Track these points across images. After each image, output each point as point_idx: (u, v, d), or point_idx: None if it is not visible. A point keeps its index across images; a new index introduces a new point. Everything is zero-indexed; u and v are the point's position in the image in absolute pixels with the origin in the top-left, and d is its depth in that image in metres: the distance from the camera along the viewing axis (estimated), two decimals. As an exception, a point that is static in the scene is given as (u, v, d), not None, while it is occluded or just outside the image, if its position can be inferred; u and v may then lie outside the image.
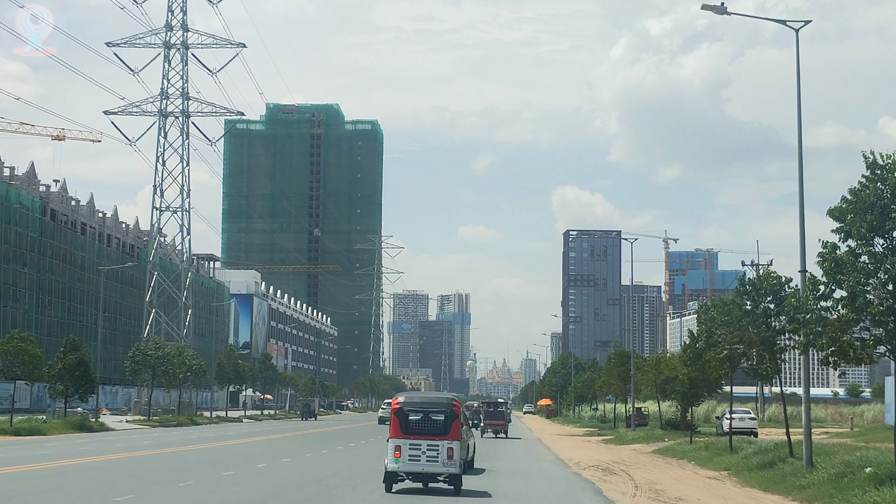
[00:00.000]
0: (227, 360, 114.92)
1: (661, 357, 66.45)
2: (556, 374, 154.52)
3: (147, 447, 45.66)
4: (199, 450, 44.76)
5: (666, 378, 65.27)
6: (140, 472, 30.71)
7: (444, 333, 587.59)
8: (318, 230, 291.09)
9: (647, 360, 67.22)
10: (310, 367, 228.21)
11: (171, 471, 31.65)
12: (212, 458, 38.32)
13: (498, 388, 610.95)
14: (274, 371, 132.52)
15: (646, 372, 66.00)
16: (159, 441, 52.86)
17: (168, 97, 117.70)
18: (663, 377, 65.14)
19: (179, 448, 45.22)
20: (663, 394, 67.17)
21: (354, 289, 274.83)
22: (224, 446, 47.93)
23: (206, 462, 36.40)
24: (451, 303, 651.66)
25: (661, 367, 64.85)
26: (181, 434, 63.79)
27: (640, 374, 67.63)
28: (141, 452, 41.36)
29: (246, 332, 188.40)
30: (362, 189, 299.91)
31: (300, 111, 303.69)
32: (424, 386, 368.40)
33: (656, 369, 64.93)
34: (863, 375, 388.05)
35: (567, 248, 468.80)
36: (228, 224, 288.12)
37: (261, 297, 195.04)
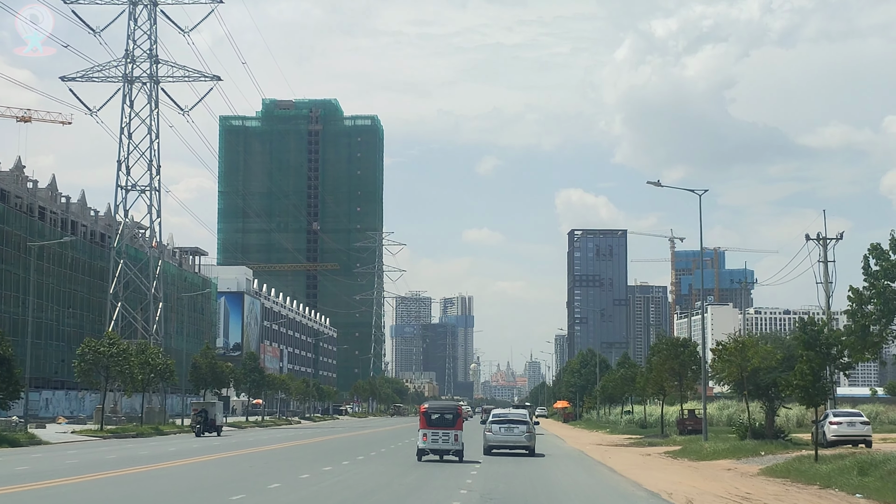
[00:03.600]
0: (203, 360, 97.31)
1: (748, 341, 48.85)
2: (575, 374, 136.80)
3: (37, 475, 28.68)
4: (112, 478, 28.23)
5: (755, 369, 47.87)
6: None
7: (447, 336, 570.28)
8: (317, 224, 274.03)
9: (726, 346, 49.59)
10: (307, 371, 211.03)
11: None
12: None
13: (502, 390, 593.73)
14: (261, 373, 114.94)
15: (725, 362, 48.47)
16: (85, 461, 37.67)
17: (134, 60, 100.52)
18: (750, 367, 47.71)
19: (80, 477, 28.05)
20: (755, 390, 49.83)
21: (355, 289, 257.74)
22: (160, 470, 30.82)
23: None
24: (455, 305, 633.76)
25: (747, 355, 47.33)
26: (127, 450, 46.86)
27: (717, 365, 50.14)
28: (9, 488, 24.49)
29: (237, 332, 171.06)
30: (362, 186, 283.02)
31: (297, 107, 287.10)
32: (428, 389, 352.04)
33: (741, 357, 47.41)
34: (871, 373, 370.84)
35: (572, 248, 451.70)
36: (224, 224, 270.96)
37: (252, 294, 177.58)
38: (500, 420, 46.00)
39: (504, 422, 45.67)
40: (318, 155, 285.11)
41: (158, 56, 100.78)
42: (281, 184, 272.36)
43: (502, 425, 45.30)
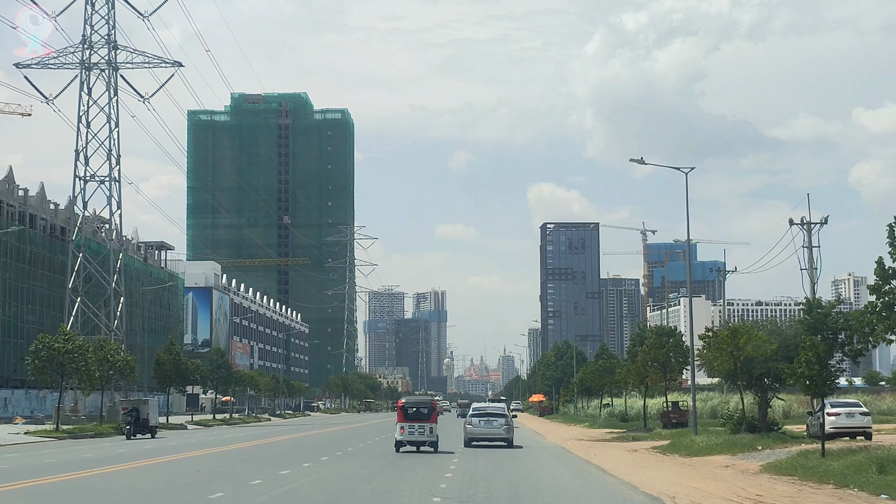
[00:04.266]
0: (167, 356, 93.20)
1: (741, 328, 45.35)
2: (551, 367, 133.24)
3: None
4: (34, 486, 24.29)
5: (748, 358, 44.44)
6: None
7: (420, 331, 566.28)
8: (288, 218, 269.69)
9: (717, 333, 46.09)
10: (279, 367, 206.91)
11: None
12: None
13: (476, 385, 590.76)
14: (228, 369, 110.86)
15: (717, 350, 44.95)
16: (17, 466, 33.67)
17: (92, 46, 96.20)
18: (743, 356, 44.28)
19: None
20: (747, 380, 46.42)
21: (327, 283, 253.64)
22: (76, 480, 27.03)
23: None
24: (428, 300, 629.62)
25: (740, 343, 43.86)
26: (75, 452, 42.94)
27: (708, 355, 46.63)
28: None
29: (205, 328, 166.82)
30: (333, 180, 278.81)
31: (267, 101, 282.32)
32: (401, 384, 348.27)
33: (733, 345, 43.94)
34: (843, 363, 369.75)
35: (545, 242, 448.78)
36: (193, 219, 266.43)
37: (221, 290, 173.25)
38: (479, 414, 48.55)
39: (484, 415, 48.26)
40: (288, 149, 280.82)
41: (117, 42, 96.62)
42: (251, 179, 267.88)
43: (482, 418, 47.82)
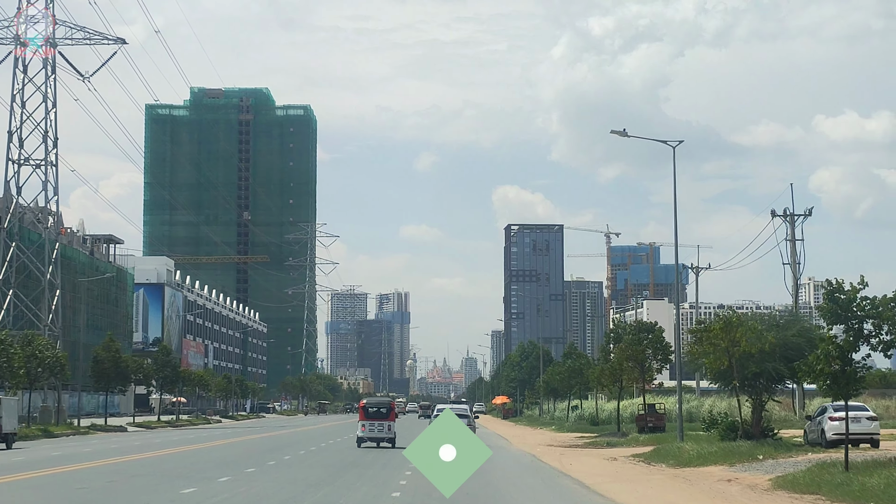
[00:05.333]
0: (105, 353, 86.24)
1: (735, 320, 39.31)
2: (516, 368, 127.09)
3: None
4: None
5: (744, 354, 38.48)
6: None
7: (383, 332, 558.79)
8: (248, 213, 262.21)
9: (709, 326, 40.04)
10: (235, 367, 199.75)
11: None
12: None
13: (438, 387, 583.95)
14: (174, 368, 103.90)
15: (708, 346, 38.86)
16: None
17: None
18: (739, 352, 38.31)
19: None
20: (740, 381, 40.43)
21: (287, 282, 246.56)
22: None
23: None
24: (391, 302, 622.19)
25: (735, 337, 37.86)
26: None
27: (698, 349, 40.56)
28: None
29: (157, 326, 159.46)
30: (295, 178, 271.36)
31: (227, 96, 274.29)
32: (363, 386, 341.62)
33: (728, 340, 37.93)
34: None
35: (509, 243, 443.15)
36: (150, 216, 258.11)
37: (174, 287, 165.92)
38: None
39: None
40: (248, 146, 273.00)
41: (56, 16, 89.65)
42: (210, 175, 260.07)
43: None
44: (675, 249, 44.77)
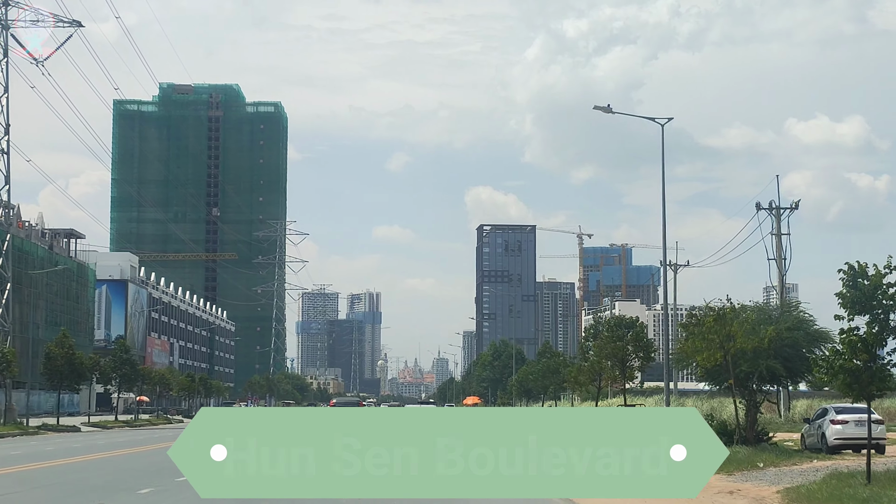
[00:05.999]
0: (58, 349, 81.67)
1: (729, 312, 35.48)
2: (487, 367, 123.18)
3: None
4: None
5: (739, 350, 34.70)
6: None
7: (354, 332, 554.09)
8: (217, 210, 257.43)
9: (701, 319, 36.22)
10: (202, 366, 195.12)
11: None
12: None
13: (409, 387, 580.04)
14: (133, 366, 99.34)
15: (701, 342, 35.01)
16: None
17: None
18: (734, 347, 34.52)
19: None
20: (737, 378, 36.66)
21: (256, 280, 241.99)
22: None
23: None
24: (362, 302, 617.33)
25: (731, 330, 34.05)
26: None
27: (689, 345, 36.72)
28: None
29: (120, 323, 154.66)
30: (265, 175, 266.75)
31: (197, 92, 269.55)
32: (333, 386, 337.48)
33: (723, 334, 34.11)
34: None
35: (481, 244, 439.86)
36: (118, 213, 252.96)
37: (138, 283, 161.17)
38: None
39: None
40: (218, 142, 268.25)
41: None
42: (178, 172, 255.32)
43: None
44: (664, 234, 41.03)
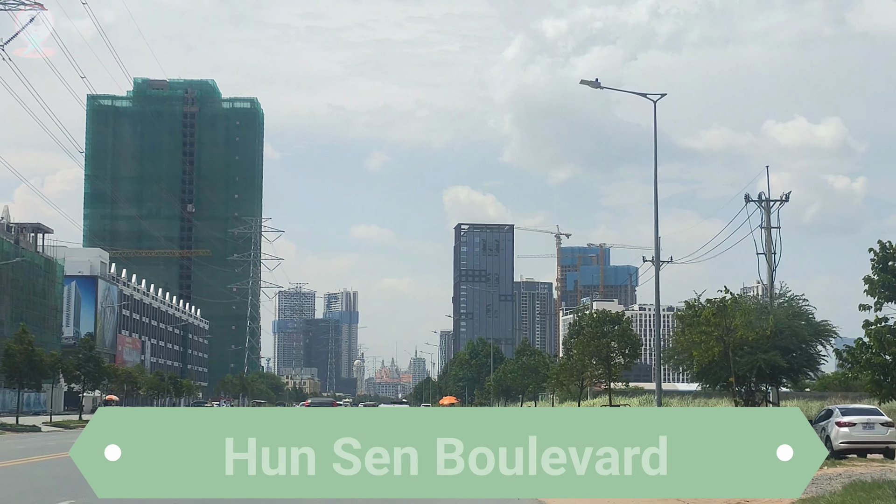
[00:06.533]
0: (17, 346, 77.92)
1: (730, 303, 32.29)
2: (464, 366, 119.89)
3: None
4: None
5: (739, 342, 31.54)
6: None
7: (330, 332, 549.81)
8: (192, 206, 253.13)
9: (698, 310, 33.01)
10: (174, 365, 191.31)
11: None
12: None
13: (386, 387, 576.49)
14: (97, 363, 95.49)
15: (699, 336, 31.83)
16: None
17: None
18: (734, 341, 31.35)
19: None
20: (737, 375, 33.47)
21: (231, 278, 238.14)
22: None
23: None
24: (339, 301, 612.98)
25: (733, 323, 30.86)
26: None
27: (684, 340, 33.54)
28: None
29: (89, 321, 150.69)
30: (241, 172, 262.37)
31: (172, 87, 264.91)
32: (309, 385, 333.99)
33: (723, 327, 30.95)
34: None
35: (458, 243, 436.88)
36: (91, 210, 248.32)
37: (108, 280, 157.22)
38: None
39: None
40: (193, 138, 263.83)
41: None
42: (153, 168, 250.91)
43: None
44: (655, 217, 37.84)
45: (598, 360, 48.97)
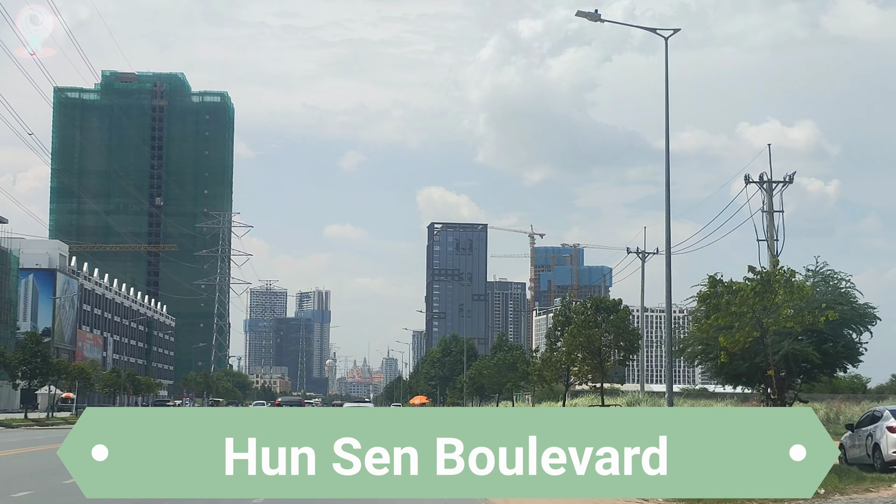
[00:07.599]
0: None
1: (779, 276, 25.82)
2: (436, 364, 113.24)
3: None
4: None
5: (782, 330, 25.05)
6: None
7: (302, 331, 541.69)
8: (160, 199, 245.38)
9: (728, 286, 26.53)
10: (138, 362, 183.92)
11: None
12: None
13: (358, 387, 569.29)
14: (44, 358, 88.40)
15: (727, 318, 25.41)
16: None
17: None
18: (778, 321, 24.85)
19: None
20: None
21: (199, 274, 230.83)
22: None
23: None
24: (311, 300, 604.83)
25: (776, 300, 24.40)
26: None
27: (707, 326, 27.02)
28: None
29: (48, 315, 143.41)
30: (210, 167, 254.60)
31: (140, 80, 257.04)
32: (280, 384, 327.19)
33: (761, 307, 24.50)
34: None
35: (432, 242, 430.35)
36: (57, 204, 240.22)
37: (68, 273, 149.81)
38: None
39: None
40: (162, 132, 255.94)
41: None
42: (121, 163, 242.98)
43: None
44: (667, 190, 31.47)
45: (586, 353, 42.41)
